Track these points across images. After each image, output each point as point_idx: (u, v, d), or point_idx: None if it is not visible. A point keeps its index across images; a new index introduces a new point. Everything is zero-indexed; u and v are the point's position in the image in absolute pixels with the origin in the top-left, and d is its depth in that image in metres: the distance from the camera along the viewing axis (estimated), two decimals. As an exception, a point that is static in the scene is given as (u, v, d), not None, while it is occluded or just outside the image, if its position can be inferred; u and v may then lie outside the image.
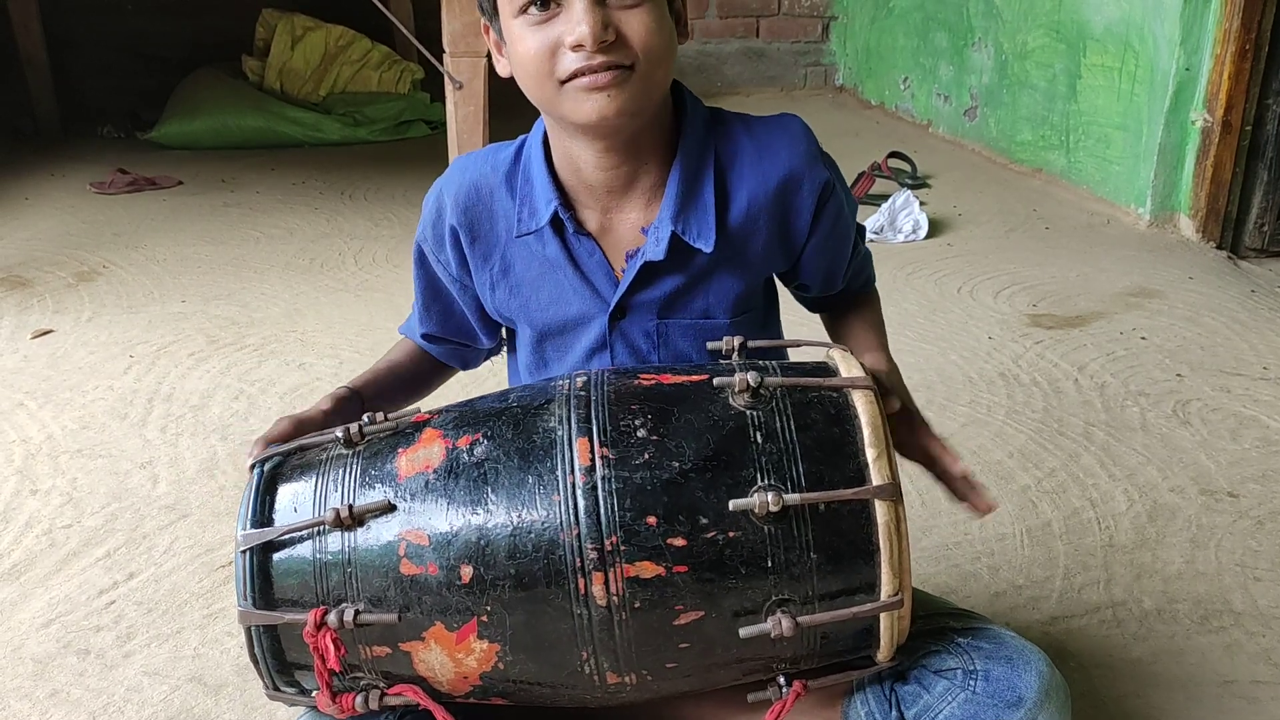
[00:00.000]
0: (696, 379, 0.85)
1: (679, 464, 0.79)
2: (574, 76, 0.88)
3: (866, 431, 0.81)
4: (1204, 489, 1.63)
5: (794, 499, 0.78)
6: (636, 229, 0.99)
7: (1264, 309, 2.36)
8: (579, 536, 0.78)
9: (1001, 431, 1.81)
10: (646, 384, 0.85)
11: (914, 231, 2.89)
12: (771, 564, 0.78)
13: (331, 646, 0.80)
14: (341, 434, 0.86)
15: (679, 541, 0.78)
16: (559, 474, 0.79)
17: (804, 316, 1.19)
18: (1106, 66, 3.02)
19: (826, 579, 0.79)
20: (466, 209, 1.02)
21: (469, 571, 0.79)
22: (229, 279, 2.63)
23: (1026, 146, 3.48)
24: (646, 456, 0.79)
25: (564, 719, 0.93)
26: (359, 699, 0.83)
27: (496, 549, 0.79)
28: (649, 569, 0.77)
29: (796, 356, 0.99)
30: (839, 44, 4.83)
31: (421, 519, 0.81)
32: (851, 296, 1.14)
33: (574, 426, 0.81)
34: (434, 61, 2.04)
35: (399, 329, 1.18)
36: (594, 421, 0.82)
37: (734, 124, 1.01)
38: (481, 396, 0.91)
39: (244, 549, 0.83)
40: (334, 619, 0.79)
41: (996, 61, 3.61)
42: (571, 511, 0.78)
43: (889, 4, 4.35)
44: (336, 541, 0.82)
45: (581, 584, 0.78)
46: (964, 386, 1.98)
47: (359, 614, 0.79)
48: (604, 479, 0.79)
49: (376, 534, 0.81)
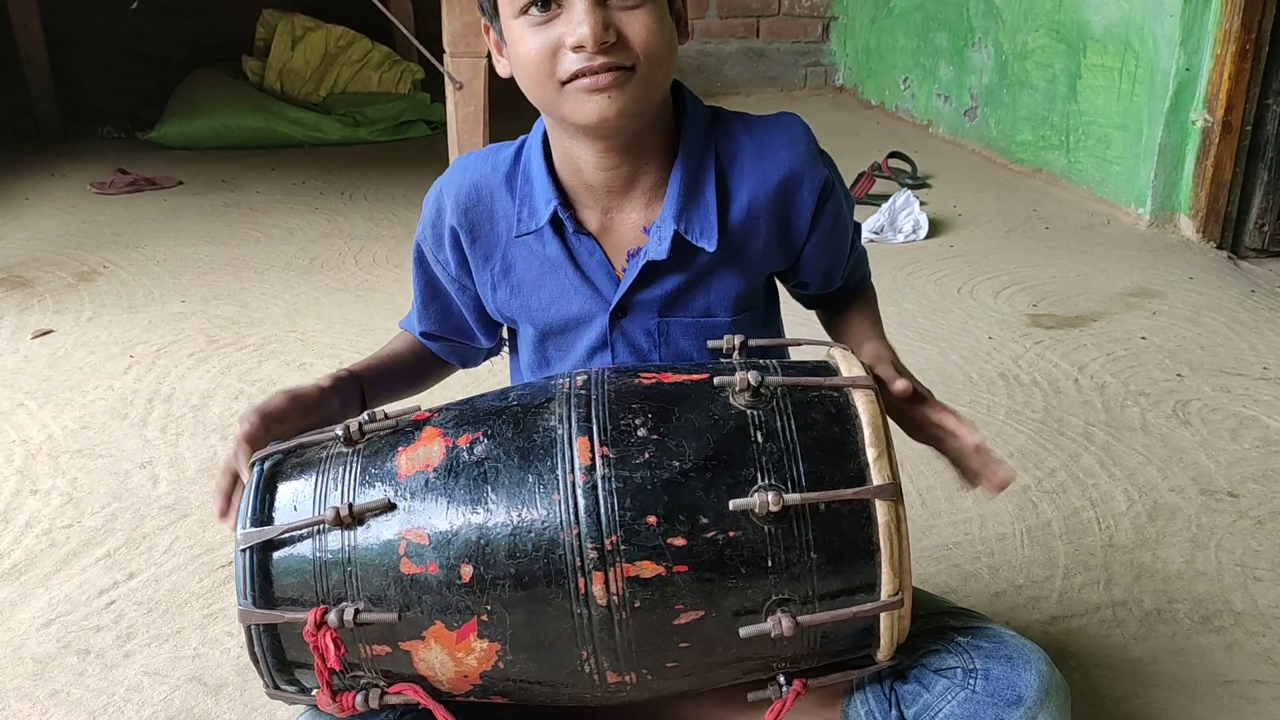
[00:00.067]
0: (697, 378, 0.85)
1: (679, 463, 0.79)
2: (575, 77, 0.88)
3: (867, 431, 0.81)
4: (1204, 489, 1.63)
5: (794, 499, 0.78)
6: (637, 228, 0.99)
7: (1264, 309, 2.36)
8: (579, 536, 0.78)
9: (1001, 431, 1.81)
10: (647, 383, 0.85)
11: (914, 231, 2.89)
12: (772, 563, 0.78)
13: (331, 645, 0.80)
14: (341, 432, 0.86)
15: (679, 541, 0.78)
16: (559, 473, 0.79)
17: (805, 316, 1.19)
18: (1106, 66, 3.02)
19: (827, 578, 0.79)
20: (466, 209, 1.03)
21: (469, 571, 0.79)
22: (229, 279, 2.63)
23: (1026, 146, 3.48)
24: (647, 456, 0.79)
25: (564, 718, 0.93)
26: (359, 698, 0.83)
27: (496, 548, 0.79)
28: (649, 568, 0.77)
29: (797, 355, 0.99)
30: (839, 44, 4.83)
31: (422, 518, 0.81)
32: (848, 293, 1.15)
33: (574, 425, 0.81)
34: (434, 62, 2.04)
35: (399, 323, 1.19)
36: (594, 420, 0.82)
37: (734, 123, 1.01)
38: (481, 395, 0.91)
39: (244, 548, 0.83)
40: (334, 618, 0.79)
41: (996, 62, 3.61)
42: (572, 511, 0.78)
43: (889, 4, 4.35)
44: (336, 540, 0.82)
45: (582, 583, 0.78)
46: (964, 386, 1.98)
47: (359, 613, 0.79)
48: (604, 478, 0.79)
49: (376, 533, 0.81)
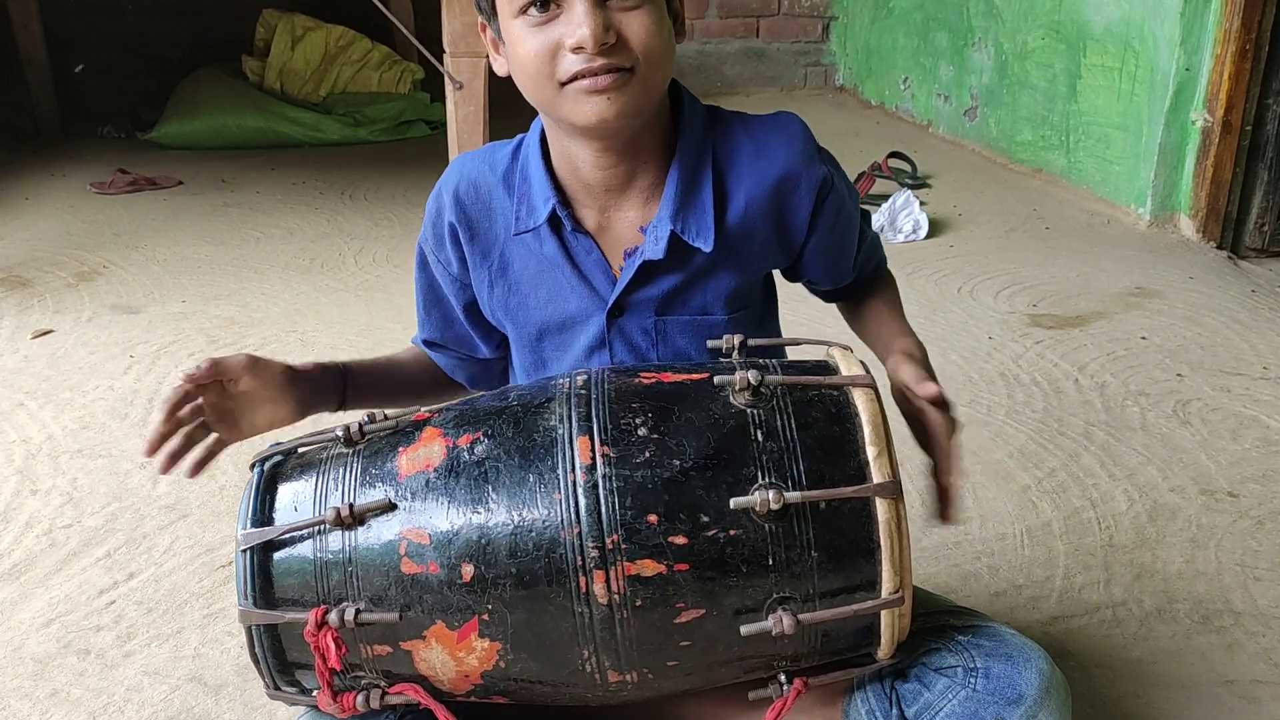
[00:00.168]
0: (697, 377, 0.85)
1: (680, 462, 0.79)
2: (574, 79, 0.88)
3: (867, 430, 0.81)
4: (1204, 489, 1.63)
5: (795, 497, 0.78)
6: (634, 228, 0.99)
7: (1264, 309, 2.36)
8: (580, 535, 0.78)
9: (1001, 431, 1.81)
10: (647, 382, 0.85)
11: (914, 231, 2.89)
12: (772, 562, 0.78)
13: (332, 645, 0.80)
14: (342, 433, 0.86)
15: (680, 540, 0.78)
16: (560, 472, 0.80)
17: (804, 316, 1.20)
18: (1106, 66, 3.02)
19: (827, 577, 0.79)
20: (465, 206, 1.03)
21: (470, 570, 0.79)
22: (229, 279, 2.63)
23: (1026, 146, 3.47)
24: (647, 455, 0.79)
25: (565, 718, 0.93)
26: (360, 698, 0.83)
27: (497, 547, 0.79)
28: (650, 567, 0.77)
29: (797, 356, 0.99)
30: (839, 44, 4.83)
31: (422, 518, 0.81)
32: (866, 284, 1.14)
33: (574, 425, 0.81)
34: (434, 62, 2.04)
35: (411, 340, 1.18)
36: (595, 420, 0.82)
37: (732, 123, 1.01)
38: (481, 395, 0.91)
39: (244, 548, 0.83)
40: (335, 618, 0.79)
41: (996, 61, 3.61)
42: (572, 510, 0.78)
43: (889, 4, 4.35)
44: (337, 540, 0.82)
45: (583, 582, 0.78)
46: (964, 386, 1.98)
47: (360, 613, 0.80)
48: (605, 477, 0.79)
49: (377, 533, 0.81)
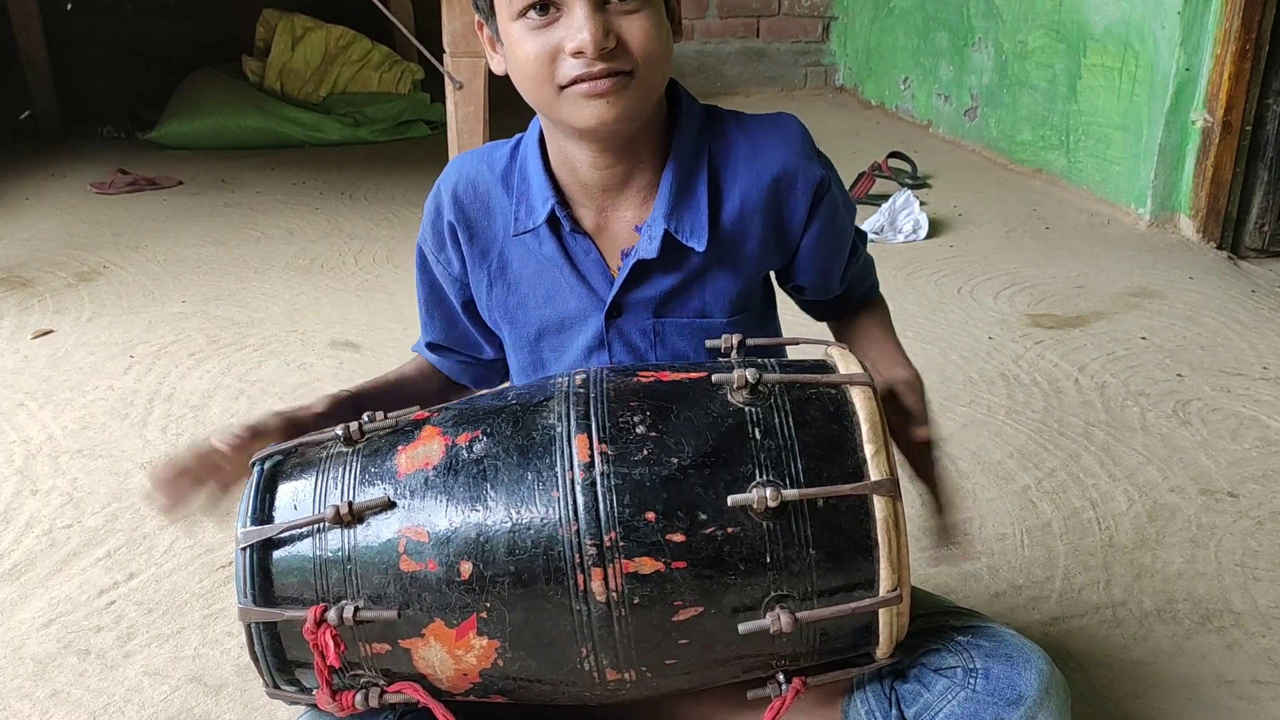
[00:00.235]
0: (695, 376, 0.85)
1: (678, 460, 0.79)
2: (574, 82, 0.88)
3: (865, 428, 0.81)
4: (1204, 489, 1.63)
5: (792, 495, 0.78)
6: (631, 227, 0.99)
7: (1264, 309, 2.36)
8: (578, 533, 0.78)
9: (1001, 431, 1.81)
10: (645, 381, 0.85)
11: (914, 232, 2.89)
12: (770, 560, 0.78)
13: (331, 643, 0.80)
14: (341, 432, 0.86)
15: (678, 537, 0.78)
16: (558, 470, 0.80)
17: (803, 316, 1.19)
18: (1106, 67, 3.02)
19: (825, 575, 0.79)
20: (463, 206, 1.03)
21: (468, 568, 0.79)
22: (229, 279, 2.64)
23: (1027, 147, 3.48)
24: (645, 453, 0.79)
25: (564, 718, 0.93)
26: (359, 697, 0.83)
27: (496, 546, 0.79)
28: (648, 565, 0.77)
29: (796, 355, 0.99)
30: (839, 44, 4.83)
31: (421, 516, 0.81)
32: (857, 305, 1.13)
33: (573, 423, 0.81)
34: (434, 62, 2.04)
35: (411, 348, 1.18)
36: (593, 418, 0.82)
37: (729, 122, 1.01)
38: (480, 395, 0.92)
39: (244, 546, 0.83)
40: (334, 616, 0.79)
41: (997, 62, 3.61)
42: (570, 508, 0.78)
43: (889, 4, 4.35)
44: (336, 539, 0.82)
45: (581, 580, 0.78)
46: (964, 387, 1.98)
47: (359, 611, 0.80)
48: (603, 475, 0.79)
49: (376, 531, 0.81)
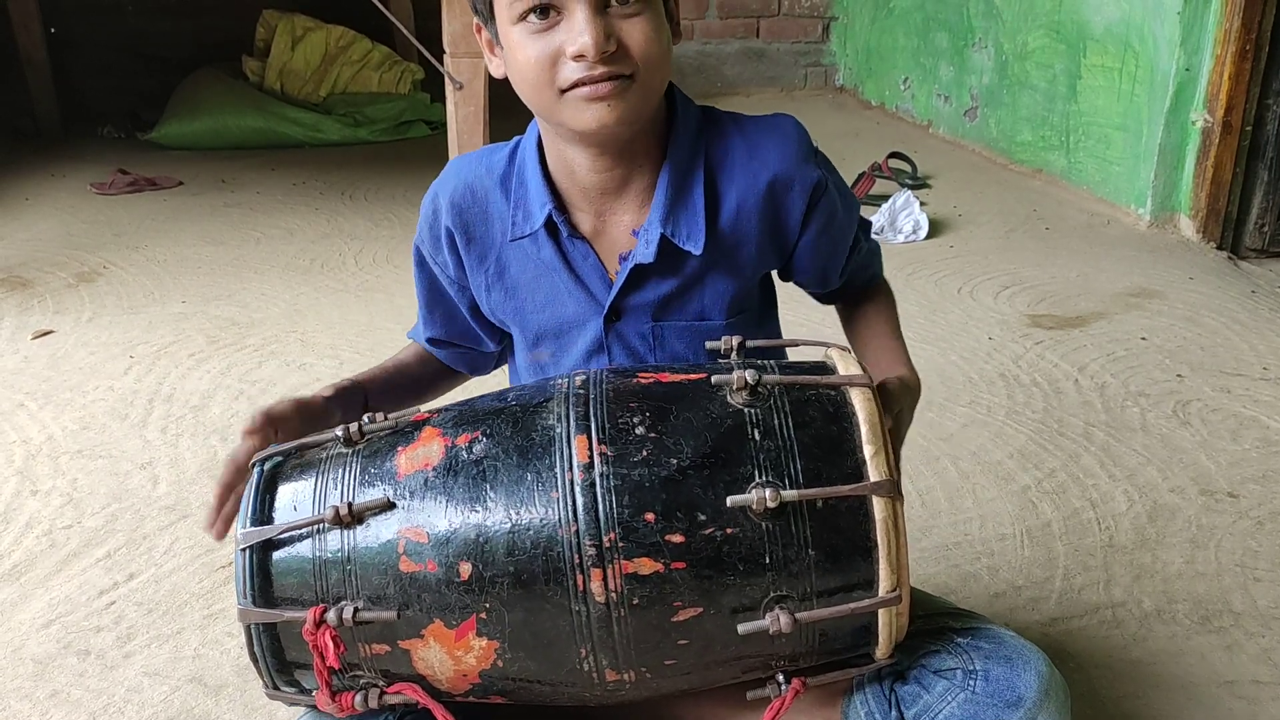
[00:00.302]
0: (695, 377, 0.85)
1: (677, 461, 0.79)
2: (575, 86, 0.88)
3: (864, 429, 0.81)
4: (1204, 489, 1.63)
5: (791, 495, 0.78)
6: (629, 231, 0.99)
7: (1264, 309, 2.36)
8: (577, 533, 0.78)
9: (1001, 432, 1.81)
10: (645, 382, 0.85)
11: (914, 232, 2.89)
12: (769, 560, 0.78)
13: (331, 644, 0.80)
14: (341, 433, 0.86)
15: (677, 538, 0.78)
16: (557, 471, 0.80)
17: (803, 316, 1.20)
18: (1106, 67, 3.02)
19: (825, 575, 0.79)
20: (461, 211, 1.03)
21: (468, 569, 0.79)
22: (229, 280, 2.64)
23: (1027, 147, 3.48)
24: (645, 454, 0.79)
25: (563, 718, 0.93)
26: (358, 698, 0.83)
27: (495, 546, 0.79)
28: (647, 565, 0.77)
29: (795, 356, 0.99)
30: (839, 44, 4.83)
31: (421, 517, 0.81)
32: (860, 292, 1.13)
33: (572, 424, 0.81)
34: (434, 62, 2.04)
35: (407, 334, 1.18)
36: (592, 419, 0.82)
37: (726, 124, 1.01)
38: (481, 396, 0.92)
39: (244, 547, 0.83)
40: (333, 616, 0.79)
41: (997, 62, 3.61)
42: (570, 508, 0.78)
43: (889, 4, 4.35)
44: (336, 539, 0.82)
45: (580, 581, 0.78)
46: (964, 387, 1.98)
47: (358, 611, 0.79)
48: (602, 476, 0.79)
49: (376, 532, 0.81)
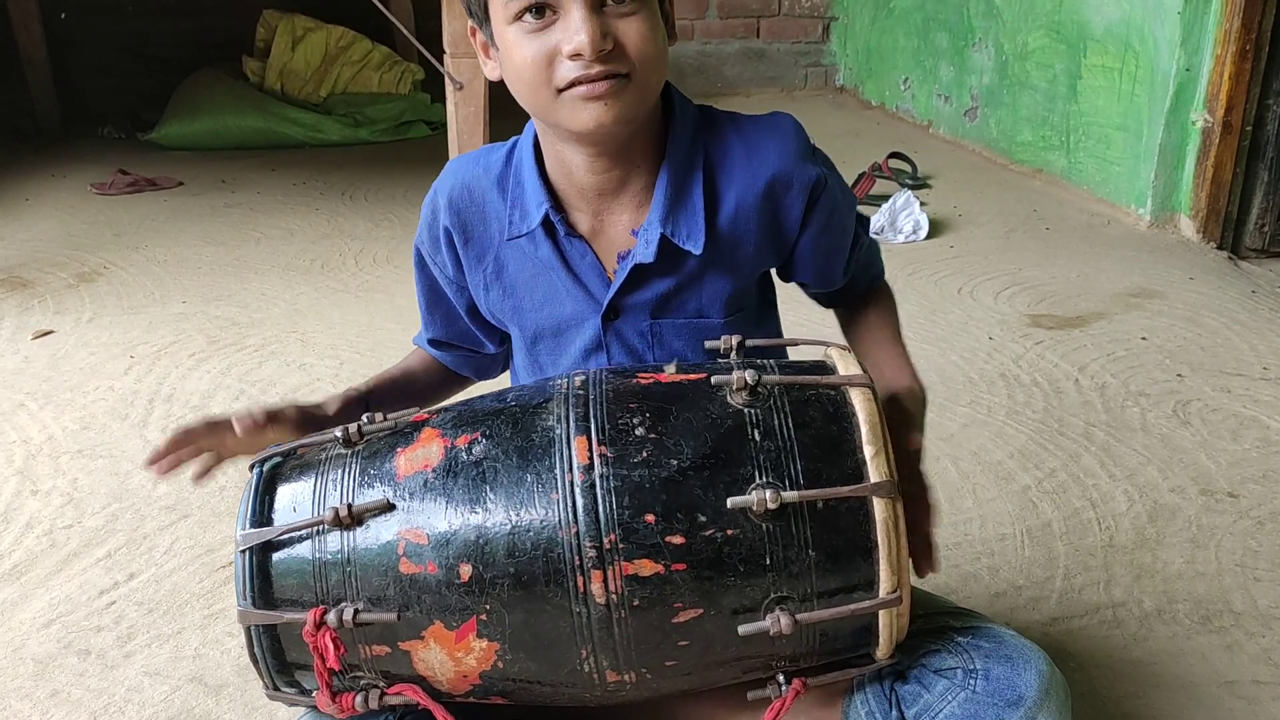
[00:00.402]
0: (694, 378, 0.85)
1: (677, 462, 0.79)
2: (571, 85, 0.88)
3: (864, 429, 0.81)
4: (1204, 489, 1.63)
5: (792, 496, 0.78)
6: (627, 231, 0.99)
7: (1264, 309, 2.36)
8: (577, 535, 0.78)
9: (1002, 432, 1.81)
10: (644, 382, 0.85)
11: (914, 232, 2.89)
12: (770, 561, 0.78)
13: (331, 646, 0.80)
14: (340, 434, 0.86)
15: (677, 539, 0.78)
16: (557, 472, 0.79)
17: (803, 316, 1.19)
18: (1107, 67, 3.02)
19: (825, 576, 0.79)
20: (459, 210, 1.03)
21: (468, 570, 0.79)
22: (229, 280, 2.64)
23: (1027, 147, 3.47)
24: (645, 454, 0.79)
25: (563, 719, 0.93)
26: (359, 698, 0.83)
27: (495, 548, 0.79)
28: (648, 567, 0.77)
29: (795, 356, 0.99)
30: (839, 44, 4.83)
31: (420, 518, 0.81)
32: (862, 295, 1.13)
33: (572, 425, 0.81)
34: (434, 62, 2.04)
35: (413, 340, 1.18)
36: (592, 420, 0.82)
37: (724, 124, 1.01)
38: (480, 396, 0.92)
39: (243, 549, 0.83)
40: (333, 618, 0.79)
41: (997, 62, 3.61)
42: (570, 510, 0.78)
43: (889, 5, 4.35)
44: (336, 541, 0.82)
45: (580, 582, 0.78)
46: (964, 387, 1.98)
47: (358, 613, 0.79)
48: (602, 477, 0.79)
49: (375, 533, 0.81)
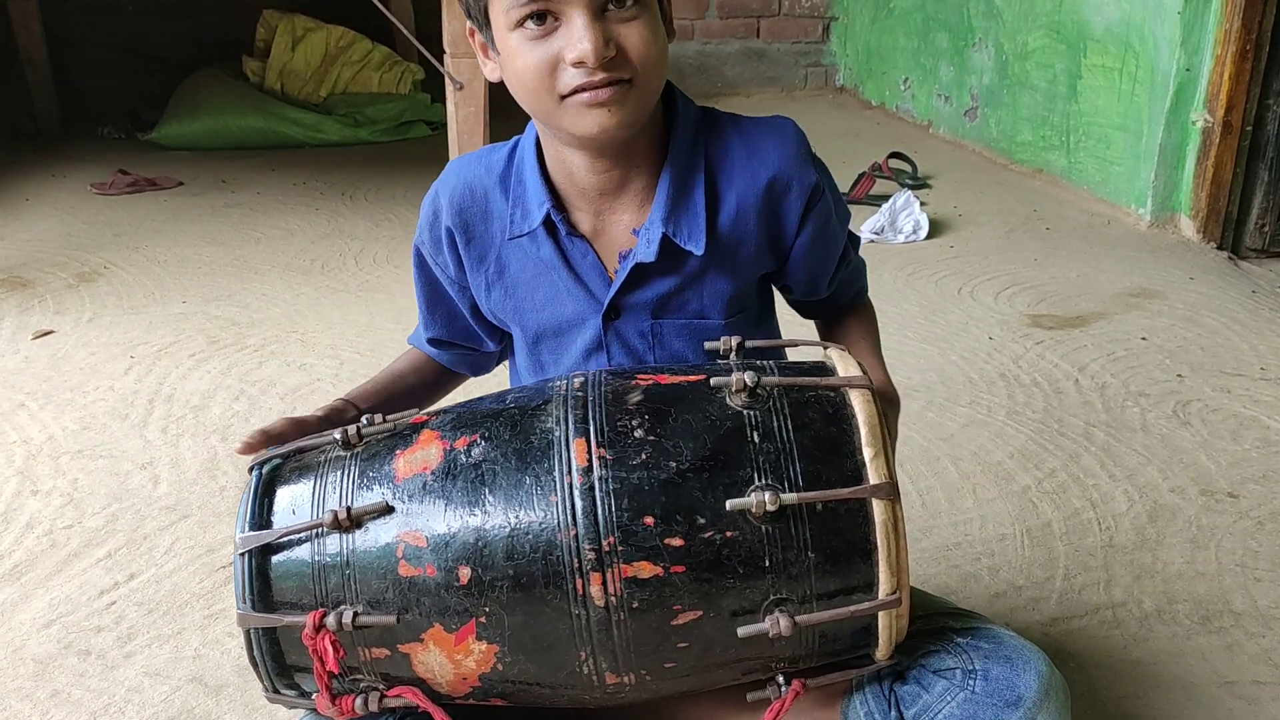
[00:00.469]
0: (694, 379, 0.85)
1: (676, 464, 0.79)
2: (575, 92, 0.88)
3: (863, 430, 0.81)
4: (1204, 489, 1.63)
5: (791, 498, 0.78)
6: (628, 230, 0.99)
7: (1264, 309, 2.35)
8: (576, 537, 0.78)
9: (1002, 432, 1.81)
10: (644, 384, 0.85)
11: (914, 232, 2.89)
12: (769, 563, 0.78)
13: (330, 649, 0.80)
14: (340, 436, 0.86)
15: (676, 541, 0.78)
16: (556, 475, 0.79)
17: (802, 317, 1.19)
18: (1107, 67, 3.02)
19: (824, 578, 0.79)
20: (461, 210, 1.03)
21: (467, 573, 0.79)
22: (229, 280, 2.64)
23: (1027, 147, 3.47)
24: (644, 457, 0.79)
25: (563, 720, 0.93)
26: (358, 701, 0.83)
27: (494, 550, 0.79)
28: (647, 569, 0.77)
29: (794, 356, 0.99)
30: (839, 44, 4.83)
31: (419, 520, 0.81)
32: (844, 308, 1.13)
33: (571, 427, 0.81)
34: (435, 62, 2.04)
35: (408, 339, 1.18)
36: (591, 422, 0.82)
37: (725, 125, 1.01)
38: (479, 398, 0.91)
39: (243, 551, 0.83)
40: (333, 621, 0.79)
41: (997, 62, 3.61)
42: (569, 512, 0.78)
43: (889, 4, 4.35)
44: (335, 543, 0.82)
45: (579, 584, 0.78)
46: (964, 387, 1.98)
47: (357, 616, 0.80)
48: (601, 479, 0.79)
49: (374, 536, 0.81)
